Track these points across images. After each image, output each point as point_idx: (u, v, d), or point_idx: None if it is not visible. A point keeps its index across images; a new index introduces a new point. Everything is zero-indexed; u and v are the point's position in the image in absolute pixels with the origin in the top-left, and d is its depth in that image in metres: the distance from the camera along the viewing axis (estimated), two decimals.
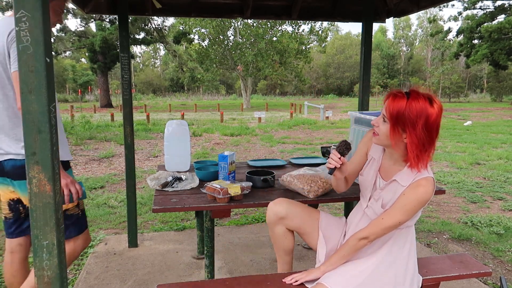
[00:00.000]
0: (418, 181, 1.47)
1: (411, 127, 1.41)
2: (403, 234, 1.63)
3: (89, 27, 25.73)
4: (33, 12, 1.17)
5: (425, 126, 1.40)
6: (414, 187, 1.47)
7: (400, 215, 1.49)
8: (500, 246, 3.35)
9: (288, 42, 25.94)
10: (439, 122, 1.43)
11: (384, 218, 1.52)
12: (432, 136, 1.43)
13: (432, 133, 1.43)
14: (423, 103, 1.41)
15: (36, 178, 1.24)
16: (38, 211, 1.26)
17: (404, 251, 1.64)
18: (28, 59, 1.19)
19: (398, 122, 1.44)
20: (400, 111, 1.42)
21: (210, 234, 2.04)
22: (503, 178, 5.85)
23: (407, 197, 1.47)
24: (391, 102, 1.45)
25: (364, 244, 1.55)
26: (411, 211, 1.48)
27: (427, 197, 1.46)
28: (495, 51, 24.55)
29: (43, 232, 1.26)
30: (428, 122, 1.41)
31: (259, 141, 10.11)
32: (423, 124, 1.40)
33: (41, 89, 1.20)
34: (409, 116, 1.41)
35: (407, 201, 1.47)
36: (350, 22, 3.63)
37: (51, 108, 1.25)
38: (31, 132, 1.22)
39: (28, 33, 1.17)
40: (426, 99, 1.42)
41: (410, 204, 1.47)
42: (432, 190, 1.47)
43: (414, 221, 1.63)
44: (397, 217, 1.49)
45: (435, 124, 1.43)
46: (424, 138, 1.42)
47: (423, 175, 1.48)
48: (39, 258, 1.28)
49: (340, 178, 1.70)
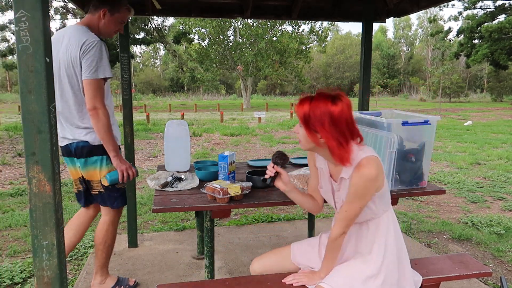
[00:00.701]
0: (358, 164, 1.50)
1: (321, 126, 1.49)
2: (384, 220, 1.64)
3: None
4: (33, 12, 1.16)
5: (332, 123, 1.48)
6: (356, 171, 1.50)
7: (357, 200, 1.52)
8: (500, 246, 3.35)
9: (288, 42, 25.93)
10: (347, 117, 1.49)
11: (347, 210, 1.54)
12: (342, 130, 1.49)
13: (341, 128, 1.49)
14: (324, 102, 1.49)
15: (36, 178, 1.24)
16: (38, 211, 1.25)
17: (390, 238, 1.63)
18: (28, 59, 1.19)
19: (308, 124, 1.52)
20: (306, 114, 1.51)
21: (210, 234, 2.03)
22: (503, 178, 5.85)
23: (354, 182, 1.51)
24: (297, 107, 1.54)
25: (342, 238, 1.58)
26: (364, 193, 1.50)
27: (373, 173, 1.47)
28: (496, 51, 24.53)
29: (43, 232, 1.26)
30: (333, 118, 1.48)
31: (259, 141, 10.11)
32: (329, 121, 1.48)
33: (40, 89, 1.20)
34: (314, 116, 1.49)
35: (356, 186, 1.50)
36: (350, 22, 3.62)
37: (51, 108, 1.24)
38: (31, 132, 1.22)
39: (28, 33, 1.17)
40: (328, 98, 1.50)
41: (360, 187, 1.49)
42: (375, 165, 1.48)
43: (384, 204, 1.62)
44: (356, 204, 1.52)
45: (342, 119, 1.49)
46: (336, 133, 1.49)
47: (361, 156, 1.51)
48: (39, 258, 1.28)
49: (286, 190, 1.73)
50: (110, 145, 2.14)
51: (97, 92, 2.04)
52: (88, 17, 2.19)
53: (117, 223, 2.43)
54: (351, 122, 1.52)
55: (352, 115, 1.54)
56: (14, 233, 3.62)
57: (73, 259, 3.08)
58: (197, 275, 2.74)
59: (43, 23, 1.18)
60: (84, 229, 2.46)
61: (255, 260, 1.89)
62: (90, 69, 2.02)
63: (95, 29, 2.18)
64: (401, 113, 2.40)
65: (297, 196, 1.78)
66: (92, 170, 2.22)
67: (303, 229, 3.65)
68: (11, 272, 2.80)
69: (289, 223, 3.85)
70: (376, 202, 1.58)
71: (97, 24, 2.19)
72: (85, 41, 2.02)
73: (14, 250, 3.23)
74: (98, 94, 2.04)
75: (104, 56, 2.06)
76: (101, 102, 2.06)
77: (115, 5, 2.17)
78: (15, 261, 3.00)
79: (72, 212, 4.17)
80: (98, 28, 2.20)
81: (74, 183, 2.37)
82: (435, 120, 2.16)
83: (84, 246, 3.28)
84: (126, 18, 2.27)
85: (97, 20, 2.18)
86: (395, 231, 1.67)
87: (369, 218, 1.64)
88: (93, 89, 2.03)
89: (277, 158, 1.71)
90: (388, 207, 1.66)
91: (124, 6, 2.23)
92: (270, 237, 3.46)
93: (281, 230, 3.63)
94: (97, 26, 2.19)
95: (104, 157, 2.21)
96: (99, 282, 2.43)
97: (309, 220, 3.19)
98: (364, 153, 1.52)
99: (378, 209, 1.61)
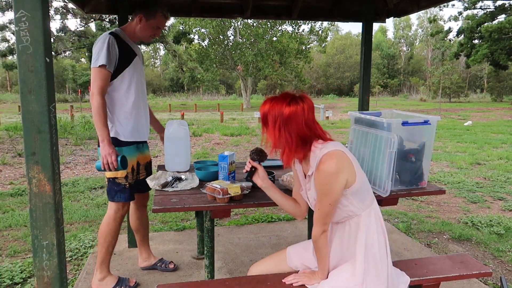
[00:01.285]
0: (319, 161, 1.52)
1: (272, 126, 1.54)
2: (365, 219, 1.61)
3: (89, 27, 25.73)
4: (33, 12, 1.17)
5: (282, 124, 1.51)
6: (317, 169, 1.52)
7: (324, 197, 1.52)
8: (500, 246, 3.35)
9: (288, 42, 25.93)
10: (298, 120, 1.51)
11: (319, 208, 1.55)
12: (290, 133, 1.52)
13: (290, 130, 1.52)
14: (281, 103, 1.53)
15: (36, 178, 1.24)
16: (38, 211, 1.26)
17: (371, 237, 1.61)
18: (28, 59, 1.19)
19: (264, 123, 1.58)
20: (265, 113, 1.56)
21: (210, 234, 2.03)
22: (503, 178, 5.85)
23: (316, 179, 1.53)
24: (260, 107, 1.60)
25: (324, 236, 1.58)
26: (328, 189, 1.50)
27: (332, 168, 1.47)
28: (496, 51, 24.52)
29: (43, 232, 1.26)
30: (284, 119, 1.51)
31: (259, 141, 10.11)
32: (280, 122, 1.51)
33: (40, 89, 1.20)
34: (270, 116, 1.54)
35: (318, 182, 1.52)
36: (350, 22, 3.63)
37: (51, 108, 1.25)
38: (31, 132, 1.22)
39: (28, 33, 1.17)
40: (286, 99, 1.54)
41: (322, 183, 1.51)
42: (336, 160, 1.48)
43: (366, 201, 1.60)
44: (324, 200, 1.52)
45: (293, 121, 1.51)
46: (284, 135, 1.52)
47: (323, 153, 1.52)
48: (39, 258, 1.28)
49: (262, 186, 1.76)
50: (98, 130, 2.20)
51: (95, 79, 2.18)
52: (128, 23, 2.41)
53: (120, 219, 2.43)
54: (306, 126, 1.53)
55: (309, 118, 1.54)
56: (14, 233, 3.62)
57: (73, 259, 3.08)
58: (197, 275, 2.74)
59: (43, 23, 1.18)
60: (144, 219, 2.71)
61: (252, 267, 1.89)
62: (93, 59, 2.20)
63: (131, 32, 2.38)
64: (401, 113, 2.40)
65: (276, 195, 1.77)
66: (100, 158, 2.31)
67: (303, 229, 3.65)
68: (11, 272, 2.80)
69: (289, 223, 3.85)
70: (350, 199, 1.56)
71: (134, 28, 2.36)
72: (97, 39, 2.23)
73: (14, 250, 3.23)
74: (95, 81, 2.18)
75: (105, 47, 2.17)
76: (96, 88, 2.18)
77: (151, 12, 2.31)
78: (15, 261, 3.00)
79: (72, 212, 4.17)
80: (135, 32, 2.37)
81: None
82: (435, 120, 2.15)
83: (84, 246, 3.28)
84: (162, 24, 2.39)
85: (135, 25, 2.36)
86: (377, 231, 1.62)
87: (347, 217, 1.61)
88: (92, 76, 2.19)
89: (254, 154, 1.76)
90: (368, 205, 1.61)
91: (160, 12, 2.34)
92: (270, 237, 3.46)
93: (281, 230, 3.63)
94: (134, 30, 2.37)
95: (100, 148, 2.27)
96: (99, 279, 2.45)
97: (309, 220, 3.18)
98: (326, 149, 1.52)
99: (355, 207, 1.58)
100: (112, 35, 2.23)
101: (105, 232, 2.41)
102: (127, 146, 2.38)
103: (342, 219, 1.63)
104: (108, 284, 2.45)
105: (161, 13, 2.35)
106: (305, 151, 1.57)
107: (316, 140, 1.57)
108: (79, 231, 3.62)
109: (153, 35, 2.41)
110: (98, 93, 2.18)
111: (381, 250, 1.62)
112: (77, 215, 4.09)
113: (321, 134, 1.59)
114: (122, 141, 2.35)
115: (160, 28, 2.39)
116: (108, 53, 2.17)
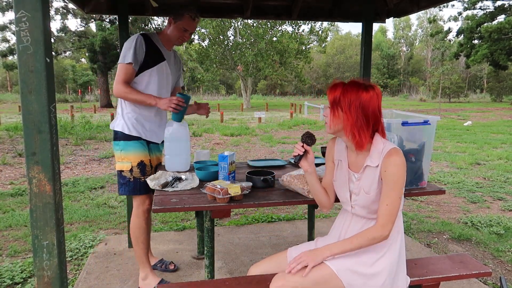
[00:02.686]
0: (388, 152, 1.54)
1: (348, 109, 1.55)
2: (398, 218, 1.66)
3: (89, 27, 25.74)
4: (33, 12, 1.17)
5: (359, 107, 1.55)
6: (388, 159, 1.54)
7: (398, 189, 1.54)
8: (500, 246, 3.35)
9: (288, 42, 25.93)
10: (374, 106, 1.56)
11: (389, 203, 1.54)
12: (367, 117, 1.56)
13: (367, 114, 1.56)
14: (356, 88, 1.56)
15: (36, 178, 1.24)
16: (38, 211, 1.26)
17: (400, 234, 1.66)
18: (28, 59, 1.19)
19: (337, 107, 1.59)
20: (337, 97, 1.58)
21: (210, 234, 2.04)
22: (503, 178, 5.85)
23: (390, 170, 1.53)
24: (330, 90, 1.62)
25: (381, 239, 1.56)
26: (401, 181, 1.54)
27: (404, 162, 1.54)
28: (495, 51, 24.53)
29: (43, 232, 1.27)
30: (362, 104, 1.55)
31: (259, 141, 10.11)
32: (357, 106, 1.54)
33: (41, 89, 1.20)
34: (343, 99, 1.56)
35: (393, 173, 1.53)
36: (350, 22, 3.63)
37: (51, 108, 1.25)
38: (31, 132, 1.22)
39: (28, 33, 1.17)
40: (361, 85, 1.58)
41: (397, 174, 1.53)
42: (403, 156, 1.55)
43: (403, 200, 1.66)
44: (397, 192, 1.53)
45: (370, 106, 1.55)
46: (360, 118, 1.55)
47: (390, 147, 1.57)
48: (39, 258, 1.28)
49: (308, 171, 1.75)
50: (145, 102, 2.36)
51: (121, 73, 2.33)
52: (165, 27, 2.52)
53: (142, 214, 2.51)
54: (378, 112, 1.58)
55: (380, 106, 1.59)
56: (15, 233, 3.62)
57: (73, 259, 3.08)
58: (197, 275, 2.75)
59: (44, 24, 1.19)
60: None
61: (252, 267, 1.89)
62: (122, 55, 2.34)
63: (165, 35, 2.48)
64: (401, 113, 2.40)
65: (315, 182, 1.77)
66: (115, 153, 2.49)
67: (303, 229, 3.65)
68: (12, 272, 2.80)
69: (289, 223, 3.85)
70: None
71: (166, 31, 2.47)
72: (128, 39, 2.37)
73: (14, 250, 3.23)
74: (121, 74, 2.32)
75: (133, 46, 2.30)
76: (121, 80, 2.32)
77: (179, 14, 2.41)
78: (16, 261, 3.00)
79: (72, 212, 4.17)
80: (168, 35, 2.47)
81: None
82: (435, 120, 2.16)
83: (85, 246, 3.28)
84: (190, 26, 2.44)
85: (167, 28, 2.47)
86: (402, 229, 1.68)
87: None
88: (119, 70, 2.34)
89: (307, 138, 1.74)
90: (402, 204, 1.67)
91: (188, 13, 2.41)
92: (270, 237, 3.46)
93: (281, 230, 3.64)
94: (167, 33, 2.47)
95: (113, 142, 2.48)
96: (141, 278, 2.57)
97: (309, 220, 3.19)
98: (391, 145, 1.58)
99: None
100: (142, 36, 2.37)
101: (133, 229, 2.52)
102: (133, 141, 2.45)
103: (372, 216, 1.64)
104: (150, 283, 2.54)
105: (188, 14, 2.40)
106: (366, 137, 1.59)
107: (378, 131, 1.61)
108: (79, 231, 3.62)
109: (182, 36, 2.46)
110: (122, 83, 2.33)
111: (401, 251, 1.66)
112: (77, 215, 4.09)
113: (383, 125, 1.63)
114: (128, 135, 2.44)
115: (188, 30, 2.44)
116: (135, 52, 2.31)
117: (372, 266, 1.59)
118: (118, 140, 2.44)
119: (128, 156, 2.43)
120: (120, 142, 2.44)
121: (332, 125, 1.62)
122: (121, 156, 2.43)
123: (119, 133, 2.43)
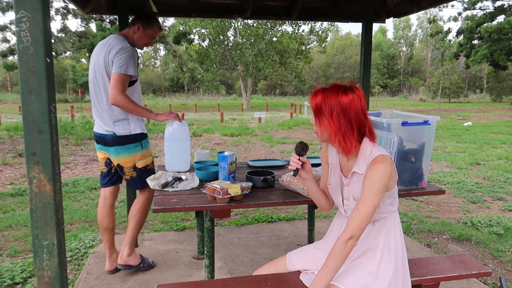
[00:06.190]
0: (374, 160, 1.51)
1: (329, 115, 1.52)
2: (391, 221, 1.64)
3: (89, 27, 25.73)
4: (34, 12, 1.17)
5: (341, 112, 1.51)
6: (372, 166, 1.50)
7: (372, 197, 1.48)
8: (500, 246, 3.35)
9: (288, 43, 25.93)
10: (356, 108, 1.52)
11: (359, 209, 1.50)
12: (350, 120, 1.52)
13: (349, 118, 1.52)
14: (336, 93, 1.53)
15: (36, 178, 1.24)
16: (38, 211, 1.26)
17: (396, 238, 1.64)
18: (29, 59, 1.19)
19: (320, 114, 1.56)
20: (318, 104, 1.55)
21: (210, 234, 2.04)
22: (503, 178, 5.85)
23: (370, 177, 1.50)
24: (311, 98, 1.59)
25: (352, 244, 1.48)
26: (379, 189, 1.49)
27: (388, 171, 1.49)
28: (495, 51, 24.53)
29: (44, 232, 1.27)
30: (342, 108, 1.51)
31: (259, 141, 10.11)
32: (338, 111, 1.51)
33: (41, 89, 1.20)
34: (325, 106, 1.53)
35: (371, 180, 1.49)
36: (350, 22, 3.63)
37: (51, 108, 1.25)
38: (31, 132, 1.22)
39: (28, 33, 1.18)
40: (340, 88, 1.54)
41: (375, 182, 1.48)
42: (390, 164, 1.50)
43: (394, 205, 1.63)
44: (370, 200, 1.48)
45: (351, 109, 1.52)
46: (343, 123, 1.52)
47: (376, 153, 1.52)
48: (39, 258, 1.28)
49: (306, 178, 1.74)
50: (145, 115, 2.51)
51: (118, 84, 2.35)
52: (127, 29, 2.61)
53: (151, 201, 2.68)
54: (362, 114, 1.54)
55: (364, 106, 1.55)
56: (15, 233, 3.62)
57: (73, 259, 3.08)
58: (197, 275, 2.75)
59: (44, 24, 1.19)
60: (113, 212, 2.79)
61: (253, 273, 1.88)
62: (119, 65, 2.37)
63: (130, 39, 2.58)
64: (401, 113, 2.40)
65: (315, 187, 1.77)
66: (125, 157, 2.52)
67: (303, 229, 3.65)
68: (12, 272, 2.80)
69: (289, 223, 3.85)
70: (386, 202, 1.58)
71: (132, 36, 2.58)
72: (121, 47, 2.41)
73: (14, 250, 3.23)
74: (118, 85, 2.35)
75: (133, 60, 2.43)
76: (119, 91, 2.35)
77: (148, 22, 2.58)
78: (16, 261, 3.00)
79: (72, 212, 4.17)
80: (133, 39, 2.59)
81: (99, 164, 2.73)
82: (435, 120, 2.16)
83: (85, 246, 3.28)
84: (156, 34, 2.66)
85: (133, 32, 2.58)
86: (400, 232, 1.67)
87: (377, 218, 1.62)
88: (116, 80, 2.35)
89: (301, 150, 1.73)
90: (395, 210, 1.66)
91: (156, 24, 2.63)
92: (270, 237, 3.46)
93: (281, 230, 3.64)
94: (132, 38, 2.58)
95: (131, 145, 2.53)
96: (127, 254, 2.70)
97: (309, 220, 3.19)
98: (379, 151, 1.54)
99: (387, 209, 1.61)
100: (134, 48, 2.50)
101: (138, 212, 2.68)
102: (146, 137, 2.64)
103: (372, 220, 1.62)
104: (133, 259, 2.71)
105: (157, 25, 2.63)
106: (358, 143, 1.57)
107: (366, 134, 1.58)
108: (79, 231, 3.62)
109: (148, 42, 2.64)
110: (122, 93, 2.38)
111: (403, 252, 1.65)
112: (78, 215, 4.09)
113: (371, 127, 1.59)
114: (144, 133, 2.60)
115: (154, 37, 2.65)
116: (134, 65, 2.45)
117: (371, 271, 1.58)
118: (139, 141, 2.55)
119: (149, 151, 2.63)
120: (142, 142, 2.57)
121: (319, 133, 1.60)
122: (143, 153, 2.58)
123: (137, 135, 2.54)
